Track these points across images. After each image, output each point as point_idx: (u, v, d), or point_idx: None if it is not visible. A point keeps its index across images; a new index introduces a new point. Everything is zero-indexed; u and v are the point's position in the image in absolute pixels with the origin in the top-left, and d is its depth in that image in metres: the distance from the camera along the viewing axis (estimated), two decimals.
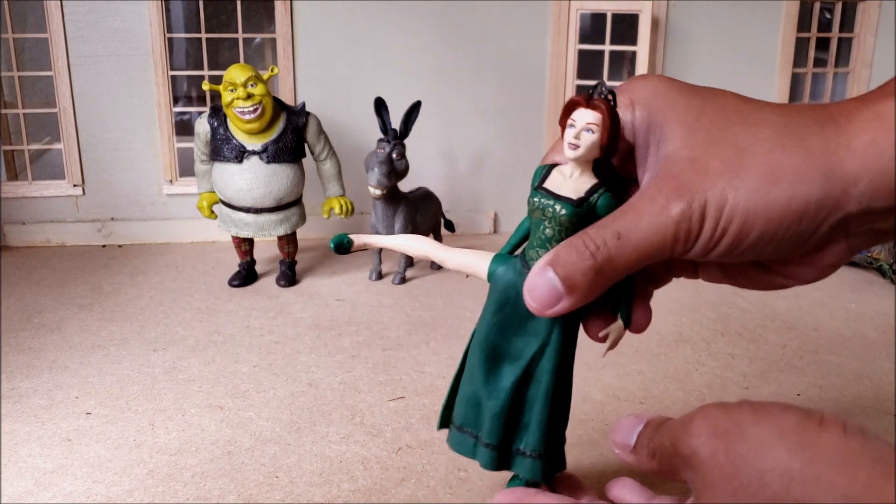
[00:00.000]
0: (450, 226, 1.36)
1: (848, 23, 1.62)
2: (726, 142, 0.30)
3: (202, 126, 1.19)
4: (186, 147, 1.50)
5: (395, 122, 1.18)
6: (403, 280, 1.23)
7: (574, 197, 0.35)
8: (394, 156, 1.16)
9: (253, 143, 1.14)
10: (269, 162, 1.14)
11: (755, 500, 0.25)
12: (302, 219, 1.23)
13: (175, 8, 1.84)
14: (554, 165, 0.36)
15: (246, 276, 1.21)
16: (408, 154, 1.19)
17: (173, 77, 1.45)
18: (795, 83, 1.60)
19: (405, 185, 1.23)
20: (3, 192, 1.42)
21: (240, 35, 1.44)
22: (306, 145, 1.21)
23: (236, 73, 1.12)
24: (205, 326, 1.03)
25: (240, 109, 1.11)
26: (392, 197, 1.18)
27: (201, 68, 1.45)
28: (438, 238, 1.32)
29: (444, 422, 0.48)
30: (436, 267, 1.31)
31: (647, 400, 0.81)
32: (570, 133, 0.34)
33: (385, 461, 0.69)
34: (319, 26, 1.44)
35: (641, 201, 0.32)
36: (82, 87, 1.41)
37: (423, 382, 0.85)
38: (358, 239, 0.44)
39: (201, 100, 1.77)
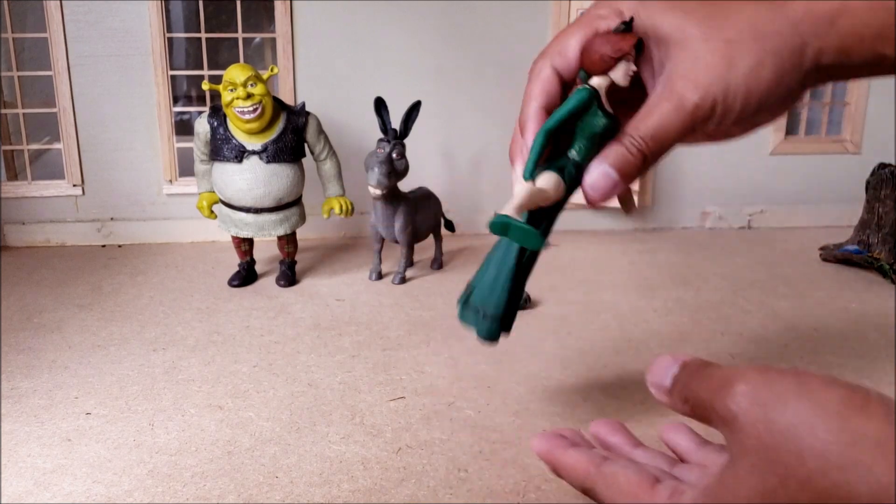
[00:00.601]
0: (450, 226, 1.36)
1: None
2: (717, 38, 0.39)
3: (202, 126, 1.18)
4: (186, 147, 1.50)
5: (395, 122, 1.18)
6: (403, 280, 1.23)
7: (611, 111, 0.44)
8: (394, 155, 1.16)
9: (252, 143, 1.14)
10: (268, 162, 1.14)
11: (790, 475, 0.25)
12: (302, 219, 1.23)
13: (175, 8, 1.84)
14: (595, 90, 0.43)
15: (246, 276, 1.21)
16: (408, 154, 1.19)
17: (173, 77, 1.45)
18: None
19: (405, 185, 1.23)
20: (3, 192, 1.42)
21: (240, 35, 1.44)
22: (306, 145, 1.21)
23: (236, 73, 1.12)
24: (205, 326, 1.03)
25: (239, 109, 1.11)
26: (392, 197, 1.18)
27: (201, 68, 1.45)
28: (438, 238, 1.32)
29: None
30: (436, 267, 1.31)
31: (647, 400, 0.81)
32: (630, 67, 0.42)
33: (385, 461, 0.69)
34: (319, 26, 1.44)
35: (663, 101, 0.40)
36: (82, 87, 1.41)
37: (423, 382, 0.85)
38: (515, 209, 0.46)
39: (201, 100, 1.77)
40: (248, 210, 1.16)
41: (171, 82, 1.44)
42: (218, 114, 1.17)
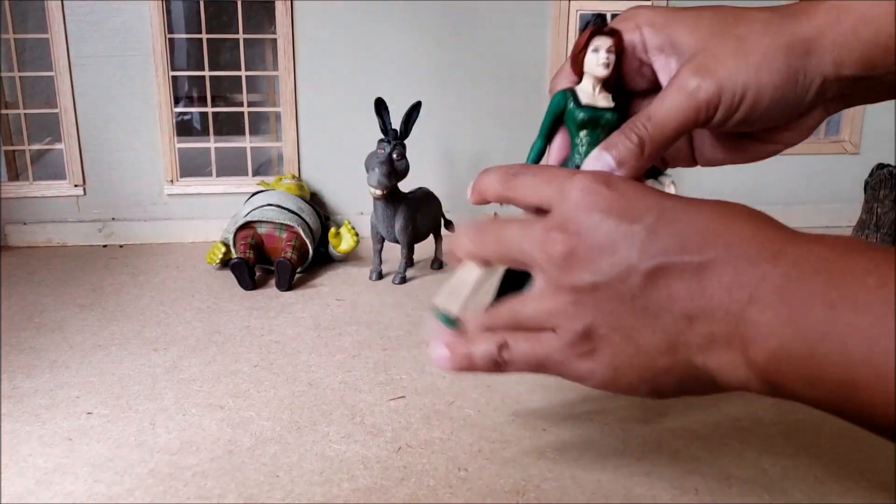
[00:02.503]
0: (450, 226, 1.36)
1: None
2: (728, 34, 0.38)
3: None
4: (187, 147, 1.50)
5: (396, 123, 1.18)
6: (404, 280, 1.23)
7: (612, 105, 0.43)
8: (394, 156, 1.16)
9: None
10: None
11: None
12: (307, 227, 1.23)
13: (176, 8, 1.84)
14: (569, 90, 0.43)
15: (248, 275, 1.21)
16: (408, 154, 1.19)
17: (174, 77, 1.45)
18: None
19: (405, 186, 1.23)
20: (4, 193, 1.43)
21: (240, 36, 1.45)
22: None
23: None
24: (205, 326, 1.03)
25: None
26: (392, 197, 1.18)
27: (202, 69, 1.45)
28: (438, 238, 1.32)
29: None
30: (436, 267, 1.31)
31: (647, 399, 0.81)
32: (599, 56, 0.42)
33: (385, 460, 0.69)
34: (320, 26, 1.45)
35: (666, 89, 0.39)
36: (83, 88, 1.41)
37: (423, 382, 0.85)
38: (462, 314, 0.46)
39: (202, 100, 1.77)
40: None
41: (172, 83, 1.45)
42: None
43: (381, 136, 1.18)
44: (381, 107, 1.17)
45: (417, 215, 1.23)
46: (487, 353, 0.41)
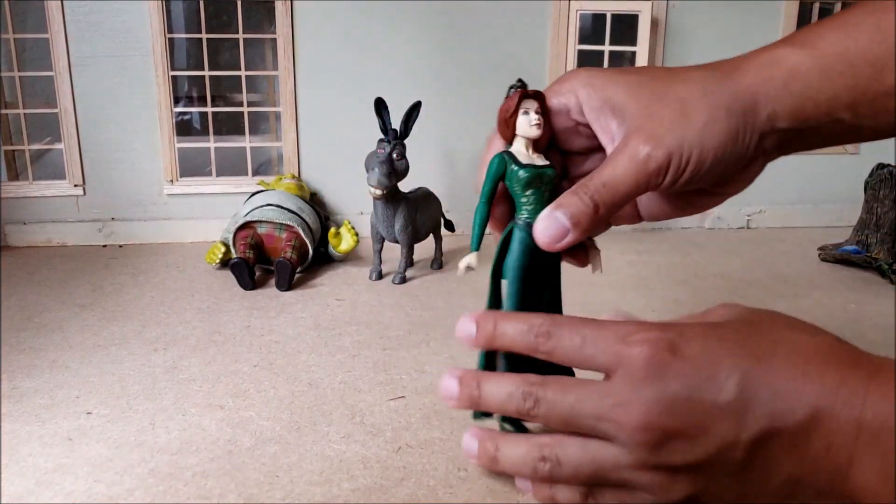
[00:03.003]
0: (450, 226, 1.36)
1: None
2: (669, 97, 0.39)
3: None
4: (187, 147, 1.50)
5: (396, 123, 1.18)
6: (404, 280, 1.23)
7: (547, 163, 0.44)
8: (394, 156, 1.16)
9: None
10: None
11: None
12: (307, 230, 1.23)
13: (175, 8, 1.84)
14: (506, 153, 0.44)
15: (248, 275, 1.21)
16: (408, 154, 1.19)
17: (174, 77, 1.45)
18: None
19: (405, 185, 1.23)
20: (4, 192, 1.43)
21: (240, 35, 1.45)
22: None
23: None
24: (205, 326, 1.03)
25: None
26: (392, 197, 1.18)
27: (202, 68, 1.45)
28: (438, 238, 1.32)
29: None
30: (436, 266, 1.31)
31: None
32: (531, 118, 0.44)
33: (385, 460, 0.69)
34: (319, 27, 1.45)
35: (617, 154, 0.40)
36: (83, 88, 1.41)
37: (423, 382, 0.86)
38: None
39: (202, 100, 1.77)
40: None
41: (172, 83, 1.45)
42: None
43: (381, 136, 1.18)
44: (381, 107, 1.17)
45: (417, 215, 1.23)
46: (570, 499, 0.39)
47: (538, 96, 0.44)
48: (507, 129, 0.44)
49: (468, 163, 1.55)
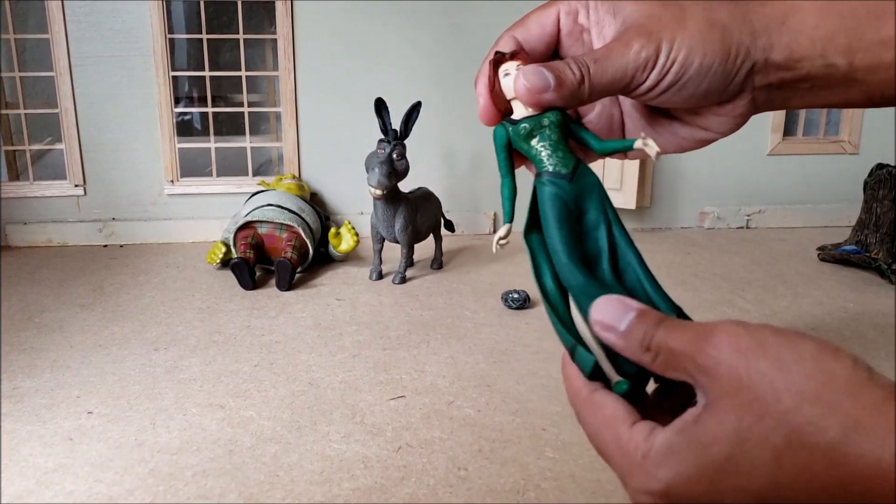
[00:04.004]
0: (450, 226, 1.36)
1: None
2: (672, 4, 0.39)
3: None
4: (187, 147, 1.50)
5: (396, 123, 1.18)
6: (404, 280, 1.23)
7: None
8: (394, 156, 1.17)
9: None
10: None
11: (767, 413, 0.29)
12: (307, 229, 1.23)
13: (176, 9, 1.84)
14: (501, 122, 0.42)
15: (248, 275, 1.21)
16: (408, 154, 1.20)
17: (174, 77, 1.45)
18: None
19: (405, 186, 1.23)
20: (5, 193, 1.43)
21: (240, 36, 1.45)
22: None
23: None
24: (206, 326, 1.03)
25: None
26: (392, 197, 1.18)
27: (202, 69, 1.45)
28: (438, 238, 1.32)
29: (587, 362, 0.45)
30: (436, 266, 1.31)
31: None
32: (512, 77, 0.41)
33: (385, 460, 0.69)
34: (320, 27, 1.45)
35: (612, 42, 0.39)
36: (84, 88, 1.42)
37: (423, 382, 0.86)
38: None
39: (202, 100, 1.77)
40: None
41: (173, 83, 1.45)
42: None
43: (381, 136, 1.18)
44: (381, 107, 1.17)
45: (417, 215, 1.23)
46: None
47: (515, 55, 0.43)
48: (498, 101, 0.43)
49: (468, 163, 1.55)
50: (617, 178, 1.51)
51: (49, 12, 1.37)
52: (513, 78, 0.41)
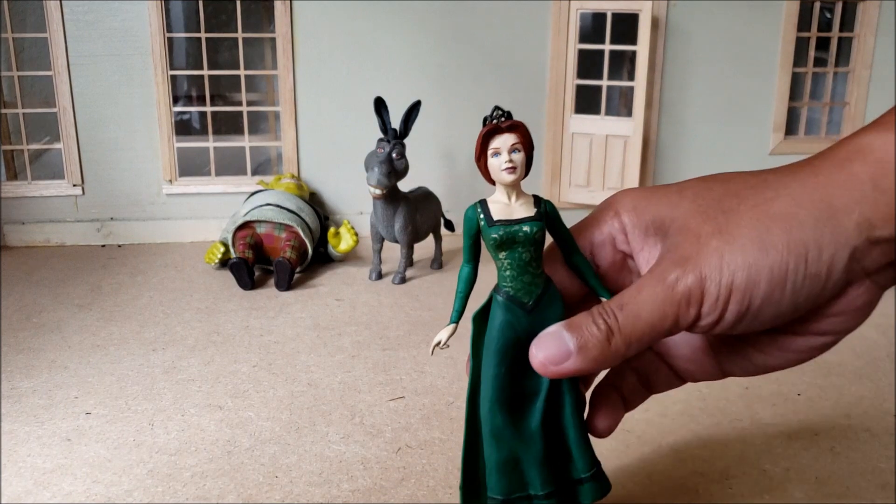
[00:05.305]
0: (449, 226, 1.36)
1: (848, 22, 1.62)
2: (712, 208, 0.31)
3: None
4: (186, 147, 1.50)
5: (395, 122, 1.18)
6: (403, 280, 1.23)
7: (532, 213, 0.36)
8: (394, 155, 1.16)
9: None
10: None
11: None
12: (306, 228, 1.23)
13: (175, 8, 1.84)
14: (481, 203, 0.37)
15: (247, 275, 1.21)
16: (408, 154, 1.19)
17: (173, 77, 1.45)
18: (795, 83, 1.60)
19: (405, 185, 1.23)
20: (3, 192, 1.42)
21: (239, 35, 1.44)
22: None
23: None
24: (204, 326, 1.03)
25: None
26: (392, 197, 1.18)
27: (201, 68, 1.45)
28: (438, 238, 1.32)
29: None
30: (436, 266, 1.31)
31: (647, 400, 0.81)
32: (501, 160, 0.35)
33: (385, 461, 0.69)
34: (319, 26, 1.44)
35: (645, 277, 0.32)
36: (82, 87, 1.41)
37: (422, 382, 0.85)
38: None
39: (201, 99, 1.77)
40: None
41: (171, 82, 1.44)
42: None
43: (381, 136, 1.18)
44: (380, 106, 1.17)
45: (417, 215, 1.22)
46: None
47: (513, 128, 0.36)
48: (483, 173, 0.37)
49: (468, 163, 1.54)
50: (618, 179, 1.51)
51: (47, 11, 1.36)
52: (501, 161, 0.35)
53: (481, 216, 0.37)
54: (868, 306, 0.31)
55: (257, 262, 1.25)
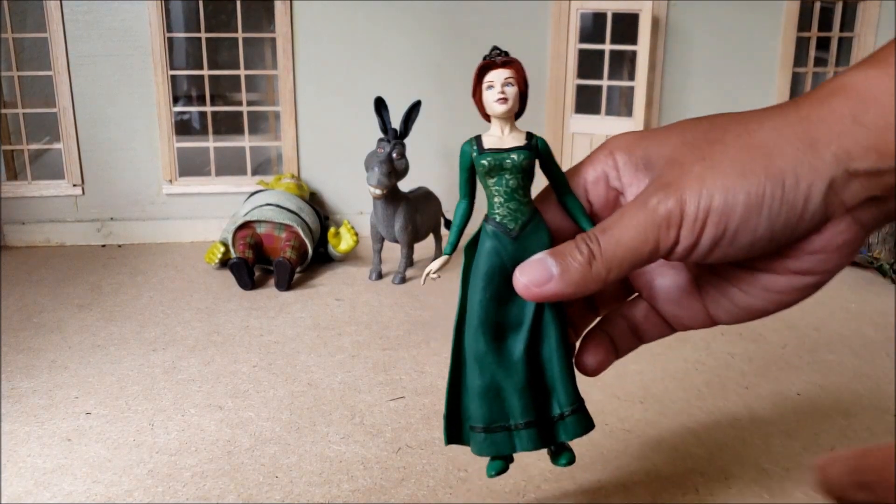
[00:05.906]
0: (449, 225, 1.36)
1: (848, 22, 1.62)
2: (699, 139, 0.32)
3: None
4: (186, 147, 1.50)
5: (395, 122, 1.18)
6: (403, 280, 1.23)
7: (522, 143, 0.38)
8: (394, 155, 1.16)
9: None
10: None
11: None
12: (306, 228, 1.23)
13: (175, 7, 1.84)
14: (476, 137, 0.39)
15: (247, 275, 1.21)
16: (408, 154, 1.19)
17: (173, 77, 1.45)
18: (796, 82, 1.60)
19: (405, 185, 1.23)
20: (3, 192, 1.42)
21: (239, 35, 1.44)
22: None
23: None
24: (204, 326, 1.03)
25: None
26: (392, 197, 1.18)
27: (201, 68, 1.45)
28: (438, 238, 1.32)
29: (455, 435, 0.45)
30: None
31: (646, 399, 0.81)
32: (494, 92, 0.37)
33: (385, 461, 0.69)
34: (319, 26, 1.44)
35: (627, 205, 0.33)
36: (82, 87, 1.41)
37: (423, 382, 0.85)
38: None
39: (201, 99, 1.77)
40: None
41: (171, 82, 1.44)
42: None
43: (381, 136, 1.18)
44: (380, 106, 1.17)
45: (417, 215, 1.22)
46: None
47: (508, 64, 0.38)
48: (479, 108, 0.39)
49: None
50: None
51: (47, 11, 1.36)
52: (495, 93, 0.37)
53: (474, 147, 0.39)
54: (848, 246, 0.31)
55: (257, 262, 1.25)
